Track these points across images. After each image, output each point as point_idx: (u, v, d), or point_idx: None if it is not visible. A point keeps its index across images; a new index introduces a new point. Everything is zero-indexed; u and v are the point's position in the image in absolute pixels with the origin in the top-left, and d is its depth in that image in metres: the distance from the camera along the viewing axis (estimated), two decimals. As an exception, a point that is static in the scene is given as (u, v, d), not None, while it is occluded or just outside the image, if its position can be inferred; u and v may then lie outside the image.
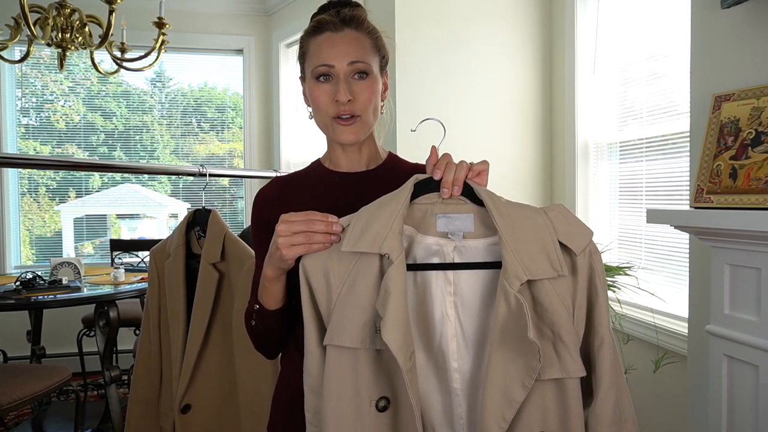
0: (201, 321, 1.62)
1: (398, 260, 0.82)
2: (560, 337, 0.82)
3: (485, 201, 0.86)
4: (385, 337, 0.79)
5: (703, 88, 1.84)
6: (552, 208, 0.88)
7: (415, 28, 2.88)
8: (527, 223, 0.85)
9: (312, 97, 1.06)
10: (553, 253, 0.83)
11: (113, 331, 2.82)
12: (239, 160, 4.64)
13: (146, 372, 1.74)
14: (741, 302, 1.56)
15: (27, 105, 4.35)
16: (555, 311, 0.83)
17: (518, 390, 0.80)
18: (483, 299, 0.89)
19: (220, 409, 1.67)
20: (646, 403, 2.49)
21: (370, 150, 1.15)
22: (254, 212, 1.14)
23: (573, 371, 0.82)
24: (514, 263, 0.82)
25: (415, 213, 0.91)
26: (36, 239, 4.41)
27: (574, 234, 0.86)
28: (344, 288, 0.87)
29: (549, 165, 3.13)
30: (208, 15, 4.37)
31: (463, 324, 0.89)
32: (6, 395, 2.28)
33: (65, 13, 2.79)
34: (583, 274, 0.86)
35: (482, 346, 0.88)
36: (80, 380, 3.47)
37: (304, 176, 1.17)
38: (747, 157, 1.53)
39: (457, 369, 0.89)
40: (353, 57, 1.03)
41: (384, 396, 0.85)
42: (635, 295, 2.44)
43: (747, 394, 1.53)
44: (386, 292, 0.81)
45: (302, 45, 1.09)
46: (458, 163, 0.91)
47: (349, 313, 0.85)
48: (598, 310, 0.86)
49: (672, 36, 2.36)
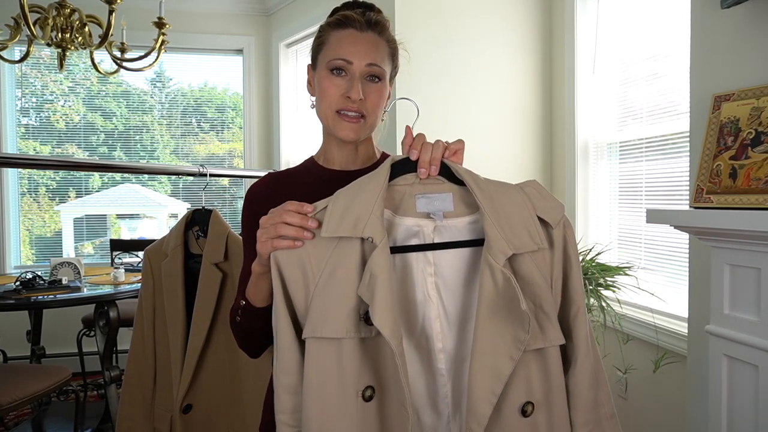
0: (203, 321, 1.61)
1: (382, 243, 0.82)
2: (542, 308, 0.84)
3: (465, 179, 0.87)
4: (377, 321, 0.78)
5: (703, 88, 1.84)
6: (527, 183, 0.89)
7: (415, 28, 2.88)
8: (507, 199, 0.86)
9: (321, 87, 1.06)
10: (533, 227, 0.85)
11: (113, 331, 2.82)
12: (239, 160, 4.64)
13: (139, 373, 1.72)
14: (741, 302, 1.56)
15: (27, 105, 4.35)
16: (536, 283, 0.84)
17: (506, 363, 0.81)
18: (465, 278, 0.90)
19: (222, 408, 1.67)
20: (646, 403, 2.49)
21: (367, 150, 1.15)
22: (245, 206, 1.14)
23: (555, 339, 0.84)
24: (498, 239, 0.83)
25: (393, 195, 0.90)
26: (36, 239, 4.40)
27: (549, 208, 0.87)
28: (323, 277, 0.84)
29: (549, 165, 3.13)
30: (208, 15, 4.37)
31: (445, 304, 0.89)
32: (6, 395, 2.28)
33: (65, 13, 2.79)
34: (558, 246, 0.88)
35: (465, 324, 0.89)
36: (80, 380, 3.47)
37: (298, 172, 1.16)
38: (747, 157, 1.53)
39: (441, 349, 0.89)
40: (372, 59, 1.04)
41: (369, 385, 0.84)
42: (635, 295, 2.44)
43: (747, 394, 1.53)
44: (372, 276, 0.80)
45: (321, 34, 1.09)
46: (434, 142, 0.91)
47: (330, 302, 0.83)
48: (572, 280, 0.88)
49: (672, 36, 2.36)
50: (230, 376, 1.66)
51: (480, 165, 3.24)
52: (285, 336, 0.86)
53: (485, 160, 3.00)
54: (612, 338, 2.58)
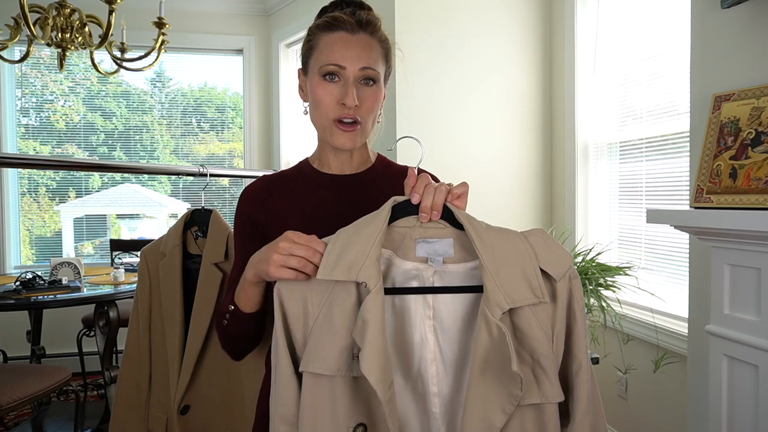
0: (202, 321, 1.61)
1: (375, 289, 0.80)
2: (539, 363, 0.82)
3: (466, 227, 0.85)
4: (364, 369, 0.77)
5: (703, 88, 1.84)
6: (532, 232, 0.87)
7: (414, 29, 2.87)
8: (508, 249, 0.84)
9: (315, 95, 1.03)
10: (534, 279, 0.83)
11: (113, 331, 2.82)
12: (239, 160, 4.64)
13: (133, 374, 1.70)
14: (741, 302, 1.56)
15: (27, 105, 4.35)
16: (535, 337, 0.82)
17: (498, 416, 0.79)
18: (463, 323, 0.88)
19: (220, 409, 1.66)
20: (646, 403, 2.49)
21: (362, 154, 1.13)
22: (240, 206, 1.11)
23: (551, 396, 0.82)
24: (496, 291, 0.81)
25: (393, 236, 0.89)
26: (36, 239, 4.40)
27: (554, 260, 0.85)
28: (321, 313, 0.85)
29: (549, 165, 3.13)
30: (208, 15, 4.37)
31: (442, 348, 0.88)
32: (6, 395, 2.28)
33: (65, 13, 2.79)
34: (562, 300, 0.86)
35: (462, 370, 0.87)
36: (80, 380, 3.47)
37: (292, 175, 1.13)
38: (747, 157, 1.53)
39: (436, 393, 0.88)
40: (365, 62, 1.01)
41: (361, 423, 0.84)
42: (635, 295, 2.44)
43: (747, 394, 1.53)
44: (364, 322, 0.79)
45: (311, 38, 1.06)
46: (437, 186, 0.88)
47: (325, 339, 0.83)
48: (576, 335, 0.86)
49: (672, 36, 2.36)
50: (228, 378, 1.66)
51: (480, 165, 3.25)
52: (283, 368, 0.86)
53: (485, 161, 3.00)
54: (612, 338, 2.58)
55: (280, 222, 1.07)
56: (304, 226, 0.94)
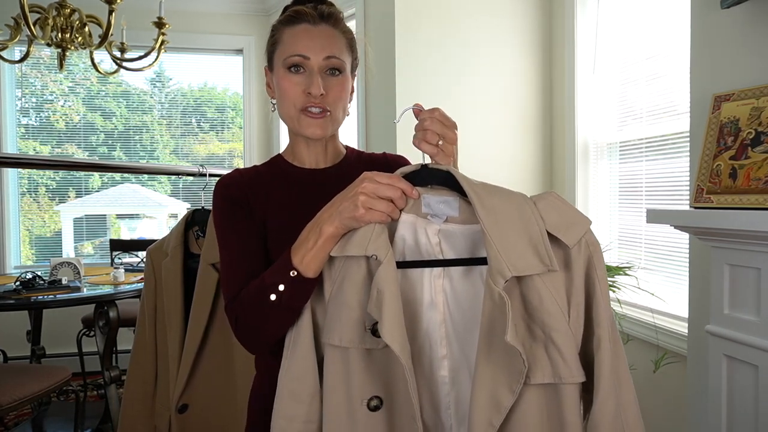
0: (200, 320, 1.61)
1: (387, 259, 0.80)
2: (552, 339, 0.75)
3: (466, 190, 0.81)
4: (386, 338, 0.77)
5: (703, 88, 1.84)
6: (543, 196, 0.81)
7: (414, 28, 2.87)
8: (513, 215, 0.78)
9: (281, 87, 1.03)
10: (542, 246, 0.76)
11: (113, 331, 2.82)
12: (239, 160, 4.64)
13: (141, 371, 1.73)
14: (741, 302, 1.56)
15: (27, 105, 4.35)
16: (545, 310, 0.76)
17: (506, 394, 0.75)
18: (473, 286, 0.86)
19: (218, 409, 1.67)
20: (646, 403, 2.49)
21: (335, 147, 1.13)
22: (223, 193, 1.05)
23: (567, 377, 0.75)
24: (498, 259, 0.75)
25: None
26: (36, 239, 4.40)
27: (566, 224, 0.78)
28: (334, 288, 0.86)
29: (549, 165, 3.13)
30: (208, 15, 4.37)
31: (451, 310, 0.87)
32: (6, 395, 2.28)
33: (65, 13, 2.79)
34: (578, 269, 0.78)
35: (471, 333, 0.84)
36: (80, 380, 3.47)
37: (266, 170, 1.12)
38: (747, 157, 1.53)
39: (445, 356, 0.87)
40: (329, 52, 1.01)
41: (376, 395, 0.84)
42: (635, 295, 2.44)
43: (747, 394, 1.53)
44: (379, 293, 0.78)
45: (274, 34, 1.07)
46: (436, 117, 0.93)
47: (338, 312, 0.84)
48: (595, 307, 0.78)
49: (672, 36, 2.36)
50: (226, 377, 1.66)
51: (480, 165, 3.24)
52: (304, 342, 0.87)
53: (485, 160, 3.00)
54: (612, 338, 2.57)
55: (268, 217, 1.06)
56: (284, 223, 0.94)
